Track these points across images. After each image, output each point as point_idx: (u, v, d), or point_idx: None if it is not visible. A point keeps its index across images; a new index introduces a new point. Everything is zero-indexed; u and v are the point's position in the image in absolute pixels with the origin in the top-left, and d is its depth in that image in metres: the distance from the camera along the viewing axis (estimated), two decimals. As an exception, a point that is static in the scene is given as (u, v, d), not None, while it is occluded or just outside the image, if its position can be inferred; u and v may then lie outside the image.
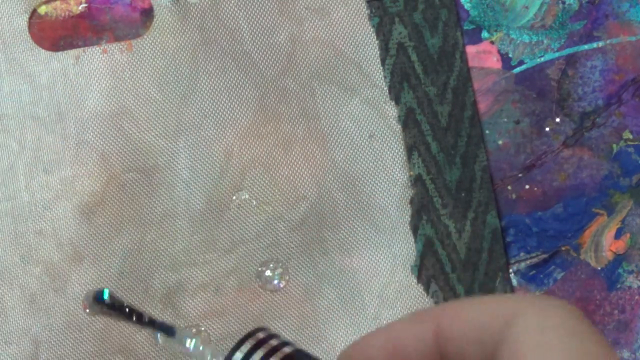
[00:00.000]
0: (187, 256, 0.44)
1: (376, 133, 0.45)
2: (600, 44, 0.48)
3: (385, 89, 0.45)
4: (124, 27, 0.46)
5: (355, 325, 0.44)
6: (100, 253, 0.44)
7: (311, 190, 0.44)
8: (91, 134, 0.44)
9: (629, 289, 0.47)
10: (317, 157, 0.45)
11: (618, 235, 0.47)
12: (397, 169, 0.45)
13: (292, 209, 0.44)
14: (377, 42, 0.45)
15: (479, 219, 0.44)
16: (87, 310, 0.43)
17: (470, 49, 0.47)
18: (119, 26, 0.46)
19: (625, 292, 0.47)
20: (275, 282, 0.44)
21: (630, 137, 0.47)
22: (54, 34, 0.46)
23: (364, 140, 0.45)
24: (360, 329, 0.44)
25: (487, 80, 0.47)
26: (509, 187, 0.47)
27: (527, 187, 0.47)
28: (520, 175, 0.47)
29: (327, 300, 0.44)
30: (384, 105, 0.45)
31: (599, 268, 0.47)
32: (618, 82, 0.47)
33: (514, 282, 0.46)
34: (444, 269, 0.44)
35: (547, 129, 0.47)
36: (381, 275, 0.44)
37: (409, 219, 0.44)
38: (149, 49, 0.45)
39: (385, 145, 0.45)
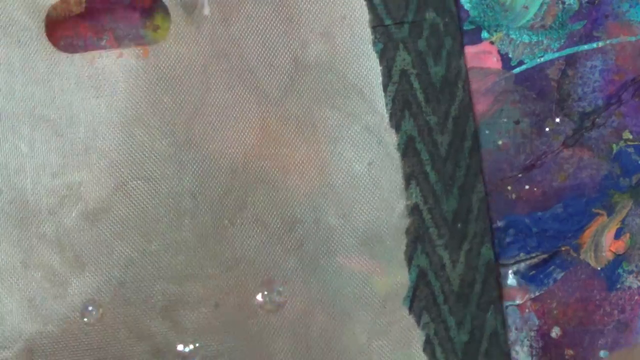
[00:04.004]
0: (189, 269, 0.44)
1: (375, 161, 0.44)
2: (600, 44, 0.48)
3: (386, 116, 0.45)
4: (124, 27, 0.46)
5: (346, 353, 0.44)
6: (102, 261, 0.44)
7: (308, 214, 0.44)
8: (101, 139, 0.44)
9: (629, 289, 0.47)
10: (315, 182, 0.44)
11: (618, 235, 0.47)
12: (395, 198, 0.44)
13: (289, 232, 0.44)
14: (380, 68, 0.45)
15: (474, 250, 0.44)
16: (85, 319, 0.43)
17: (470, 49, 0.47)
18: (119, 26, 0.46)
19: (625, 292, 0.47)
20: (273, 303, 0.44)
21: (630, 137, 0.47)
22: (54, 34, 0.46)
23: (363, 168, 0.44)
24: (353, 354, 0.44)
25: (487, 80, 0.47)
26: (509, 187, 0.47)
27: (527, 187, 0.47)
28: (520, 175, 0.47)
29: (320, 326, 0.44)
30: (384, 132, 0.45)
31: (599, 268, 0.47)
32: (618, 82, 0.47)
33: (514, 282, 0.46)
34: (437, 301, 0.44)
35: (547, 129, 0.47)
36: (373, 305, 0.44)
37: (404, 248, 0.44)
38: (165, 57, 0.44)
39: (383, 173, 0.44)
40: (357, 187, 0.44)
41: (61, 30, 0.46)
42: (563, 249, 0.47)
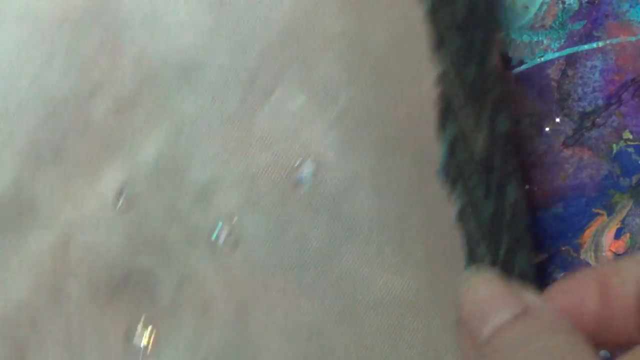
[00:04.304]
0: (223, 151, 0.44)
1: (409, 30, 0.44)
2: (600, 44, 0.48)
3: None
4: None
5: (387, 225, 0.43)
6: (135, 146, 0.44)
7: (348, 89, 0.44)
8: (130, 30, 0.44)
9: (629, 289, 0.47)
10: (354, 55, 0.44)
11: (618, 235, 0.47)
12: (428, 65, 0.44)
13: (329, 107, 0.44)
14: None
15: (493, 119, 0.43)
16: (119, 204, 0.44)
17: (470, 49, 0.47)
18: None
19: (625, 292, 0.47)
20: (308, 180, 0.44)
21: (630, 137, 0.47)
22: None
23: (398, 36, 0.44)
24: (393, 229, 0.43)
25: (487, 80, 0.47)
26: (509, 187, 0.47)
27: (527, 187, 0.47)
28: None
29: (360, 200, 0.43)
30: None
31: (599, 268, 0.47)
32: (618, 82, 0.47)
33: (514, 282, 0.46)
34: (464, 172, 0.43)
35: (547, 129, 0.47)
36: (410, 177, 0.44)
37: (436, 116, 0.43)
38: None
39: (416, 41, 0.44)
40: (393, 56, 0.44)
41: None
42: (563, 249, 0.47)
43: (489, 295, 0.36)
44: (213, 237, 0.43)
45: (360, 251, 0.43)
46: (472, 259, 0.42)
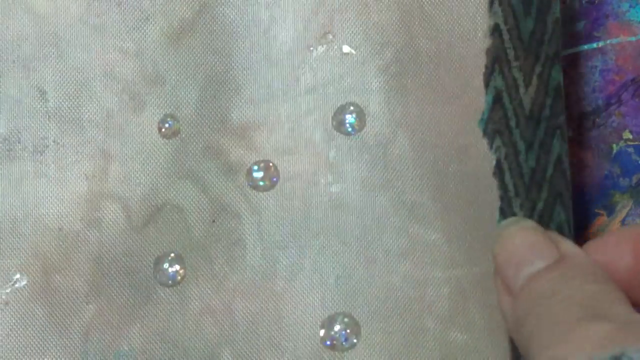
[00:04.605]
0: (268, 91, 0.44)
1: None
2: (600, 44, 0.48)
3: None
4: (124, 27, 0.47)
5: (423, 176, 0.44)
6: (181, 79, 0.44)
7: (398, 36, 0.44)
8: None
9: (629, 289, 0.47)
10: (407, 3, 0.44)
11: (618, 235, 0.47)
12: (479, 18, 0.44)
13: (377, 55, 0.44)
14: None
15: (545, 73, 0.43)
16: (162, 133, 0.44)
17: (470, 49, 0.47)
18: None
19: (625, 292, 0.47)
20: (350, 125, 0.44)
21: (630, 137, 0.47)
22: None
23: None
24: (429, 180, 0.43)
25: (487, 80, 0.47)
26: (509, 187, 0.47)
27: (527, 187, 0.47)
28: (520, 175, 0.47)
29: (399, 149, 0.44)
30: None
31: (599, 268, 0.47)
32: (618, 82, 0.47)
33: (514, 282, 0.46)
34: (509, 124, 0.43)
35: (547, 129, 0.47)
36: (451, 128, 0.44)
37: (484, 69, 0.44)
38: None
39: None
40: (445, 7, 0.44)
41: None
42: (563, 249, 0.47)
43: (526, 243, 0.35)
44: (250, 177, 0.44)
45: (395, 199, 0.43)
46: (506, 213, 0.42)
